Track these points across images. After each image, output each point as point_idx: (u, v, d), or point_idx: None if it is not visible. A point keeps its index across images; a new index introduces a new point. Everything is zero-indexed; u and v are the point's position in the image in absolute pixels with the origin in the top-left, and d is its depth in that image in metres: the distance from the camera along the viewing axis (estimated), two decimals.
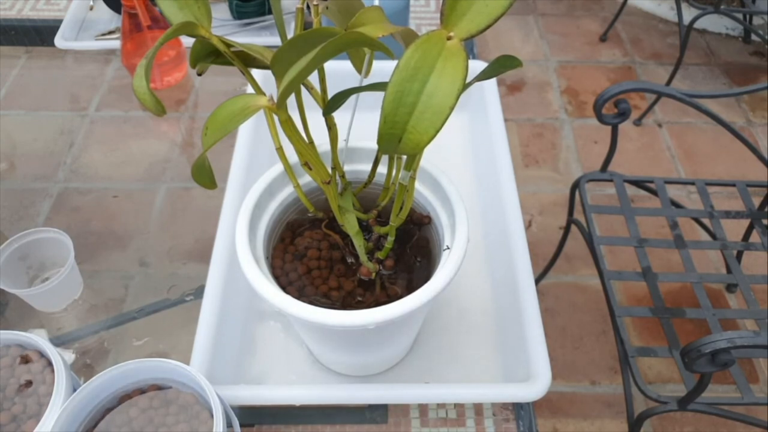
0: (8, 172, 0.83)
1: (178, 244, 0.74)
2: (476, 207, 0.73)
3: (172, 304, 0.69)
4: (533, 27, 2.12)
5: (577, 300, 1.41)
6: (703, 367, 0.71)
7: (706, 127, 1.77)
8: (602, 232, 1.05)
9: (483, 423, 0.59)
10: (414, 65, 0.33)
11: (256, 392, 0.55)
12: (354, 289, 0.52)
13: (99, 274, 0.71)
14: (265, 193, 0.53)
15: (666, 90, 0.96)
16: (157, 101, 0.38)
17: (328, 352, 0.59)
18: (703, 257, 1.42)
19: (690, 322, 1.33)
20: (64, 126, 0.89)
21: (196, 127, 0.90)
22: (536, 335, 0.57)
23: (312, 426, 0.59)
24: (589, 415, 1.24)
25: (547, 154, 1.71)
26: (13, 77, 0.97)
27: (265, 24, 1.01)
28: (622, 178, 1.08)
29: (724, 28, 2.07)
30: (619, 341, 0.89)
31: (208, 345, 0.57)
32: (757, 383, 1.28)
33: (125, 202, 0.79)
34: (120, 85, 0.95)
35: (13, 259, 0.66)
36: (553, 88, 1.90)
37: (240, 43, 0.42)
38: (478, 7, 0.34)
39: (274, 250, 0.54)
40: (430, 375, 0.61)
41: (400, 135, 0.34)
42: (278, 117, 0.41)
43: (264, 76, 0.64)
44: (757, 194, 1.10)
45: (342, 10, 0.42)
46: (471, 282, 0.67)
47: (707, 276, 0.96)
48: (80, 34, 1.01)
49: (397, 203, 0.48)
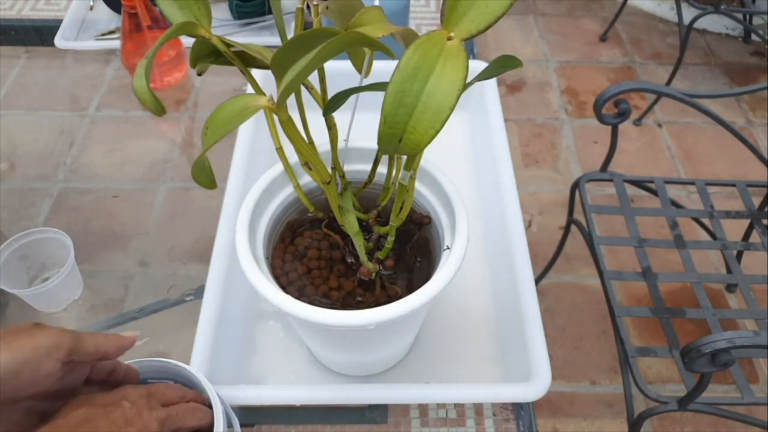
0: (8, 172, 0.83)
1: (178, 244, 0.74)
2: (476, 207, 0.73)
3: (172, 304, 0.69)
4: (533, 27, 2.12)
5: (577, 300, 1.41)
6: (703, 367, 0.71)
7: (706, 127, 1.77)
8: (602, 232, 1.05)
9: (483, 423, 0.59)
10: (414, 65, 0.33)
11: (256, 392, 0.55)
12: (354, 289, 0.52)
13: (99, 274, 0.71)
14: (265, 193, 0.53)
15: (666, 90, 0.96)
16: (157, 101, 0.38)
17: (328, 352, 0.59)
18: (703, 257, 1.42)
19: (690, 322, 1.33)
20: (64, 126, 0.89)
21: (196, 127, 0.90)
22: (536, 335, 0.57)
23: (312, 426, 0.59)
24: (589, 415, 1.24)
25: (547, 154, 1.71)
26: (13, 77, 0.97)
27: (265, 24, 1.01)
28: (622, 178, 1.08)
29: (724, 28, 2.07)
30: (619, 341, 0.89)
31: (208, 345, 0.57)
32: (757, 383, 1.28)
33: (125, 202, 0.79)
34: (120, 85, 0.95)
35: (13, 259, 0.66)
36: (553, 88, 1.90)
37: (240, 43, 0.42)
38: (478, 8, 0.34)
39: (274, 250, 0.54)
40: (430, 375, 0.61)
41: (400, 135, 0.34)
42: (278, 117, 0.41)
43: (264, 76, 0.64)
44: (757, 194, 1.10)
45: (342, 10, 0.42)
46: (471, 282, 0.67)
47: (707, 276, 0.96)
48: (80, 34, 1.01)
49: (397, 203, 0.48)
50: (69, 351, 0.40)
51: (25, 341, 0.38)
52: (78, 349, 0.40)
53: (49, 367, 0.39)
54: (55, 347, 0.39)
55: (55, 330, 0.40)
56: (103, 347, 0.43)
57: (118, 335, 0.44)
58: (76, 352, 0.40)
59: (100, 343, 0.42)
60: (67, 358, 0.40)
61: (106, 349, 0.43)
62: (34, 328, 0.39)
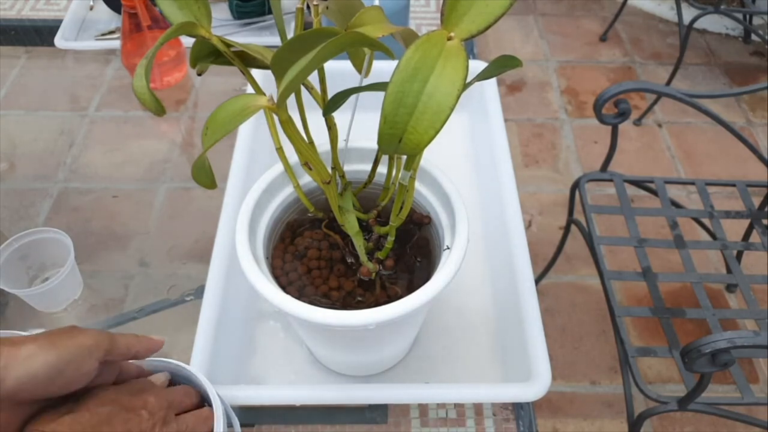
0: (8, 172, 0.83)
1: (178, 244, 0.74)
2: (476, 207, 0.73)
3: (172, 304, 0.69)
4: (533, 27, 2.12)
5: (577, 300, 1.41)
6: (703, 367, 0.71)
7: (706, 127, 1.77)
8: (602, 232, 1.05)
9: (483, 423, 0.59)
10: (414, 65, 0.33)
11: (256, 392, 0.55)
12: (354, 289, 0.52)
13: (99, 274, 0.71)
14: (265, 193, 0.53)
15: (666, 90, 0.96)
16: (157, 101, 0.38)
17: (328, 352, 0.59)
18: (703, 257, 1.42)
19: (690, 322, 1.33)
20: (64, 126, 0.89)
21: (196, 127, 0.90)
22: (536, 335, 0.57)
23: (312, 426, 0.59)
24: (589, 415, 1.24)
25: (547, 154, 1.71)
26: (13, 77, 0.97)
27: (265, 24, 1.01)
28: (622, 178, 1.08)
29: (724, 28, 2.07)
30: (619, 341, 0.89)
31: (208, 345, 0.57)
32: (757, 383, 1.28)
33: (125, 202, 0.79)
34: (120, 85, 0.95)
35: (13, 259, 0.66)
36: (553, 88, 1.90)
37: (240, 43, 0.42)
38: (478, 8, 0.34)
39: (274, 250, 0.54)
40: (430, 375, 0.61)
41: (400, 135, 0.34)
42: (278, 117, 0.41)
43: (264, 76, 0.64)
44: (757, 194, 1.10)
45: (342, 10, 0.42)
46: (471, 282, 0.67)
47: (707, 276, 0.96)
48: (80, 34, 1.01)
49: (397, 203, 0.48)
50: (106, 351, 0.41)
51: (69, 341, 0.39)
52: (113, 349, 0.42)
53: (89, 367, 0.40)
54: (96, 347, 0.40)
55: (93, 331, 0.41)
56: (135, 348, 0.44)
57: (148, 337, 0.46)
58: (111, 353, 0.42)
59: (131, 344, 0.44)
60: (105, 358, 0.41)
61: (138, 349, 0.45)
62: (74, 329, 0.41)
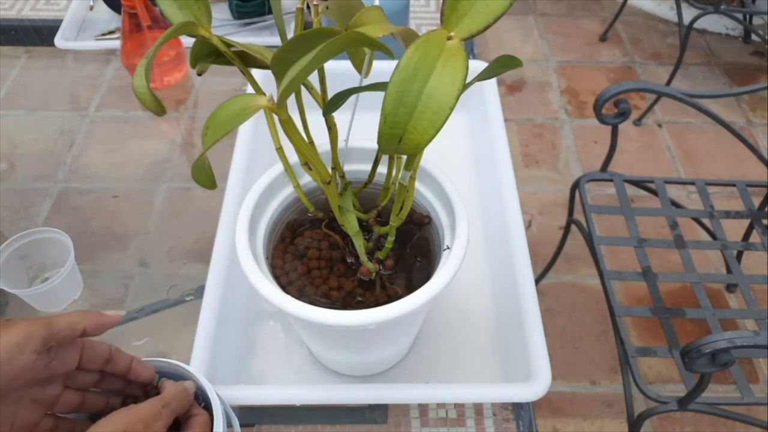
0: (8, 172, 0.83)
1: (178, 244, 0.74)
2: (476, 207, 0.73)
3: (172, 304, 0.69)
4: (533, 27, 2.12)
5: (577, 300, 1.41)
6: (703, 367, 0.71)
7: (706, 127, 1.77)
8: (602, 232, 1.05)
9: (483, 423, 0.59)
10: (414, 65, 0.33)
11: (256, 392, 0.55)
12: (354, 289, 0.52)
13: (99, 274, 0.71)
14: (265, 193, 0.53)
15: (666, 90, 0.96)
16: (157, 101, 0.38)
17: (328, 352, 0.59)
18: (703, 257, 1.42)
19: (690, 322, 1.33)
20: (64, 126, 0.89)
21: (196, 127, 0.90)
22: (536, 335, 0.57)
23: (312, 426, 0.59)
24: (589, 415, 1.24)
25: (547, 154, 1.71)
26: (13, 77, 0.97)
27: (265, 24, 1.01)
28: (622, 178, 1.08)
29: (724, 28, 2.07)
30: (619, 341, 0.89)
31: (208, 345, 0.57)
32: (757, 383, 1.28)
33: (125, 202, 0.79)
34: (120, 85, 0.95)
35: (13, 259, 0.66)
36: (553, 88, 1.90)
37: (240, 43, 0.42)
38: (478, 7, 0.34)
39: (274, 250, 0.54)
40: (430, 375, 0.61)
41: (400, 135, 0.34)
42: (278, 117, 0.41)
43: (264, 76, 0.64)
44: (757, 194, 1.10)
45: (342, 10, 0.42)
46: (471, 282, 0.67)
47: (707, 276, 0.96)
48: (80, 34, 1.01)
49: (397, 203, 0.48)
50: (43, 340, 0.39)
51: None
52: (51, 335, 0.40)
53: (23, 362, 0.38)
54: (27, 340, 0.39)
55: (23, 323, 0.39)
56: (80, 324, 0.42)
57: (98, 312, 0.44)
58: (50, 339, 0.40)
59: (74, 322, 0.42)
60: (44, 347, 0.40)
61: (83, 326, 0.42)
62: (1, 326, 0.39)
